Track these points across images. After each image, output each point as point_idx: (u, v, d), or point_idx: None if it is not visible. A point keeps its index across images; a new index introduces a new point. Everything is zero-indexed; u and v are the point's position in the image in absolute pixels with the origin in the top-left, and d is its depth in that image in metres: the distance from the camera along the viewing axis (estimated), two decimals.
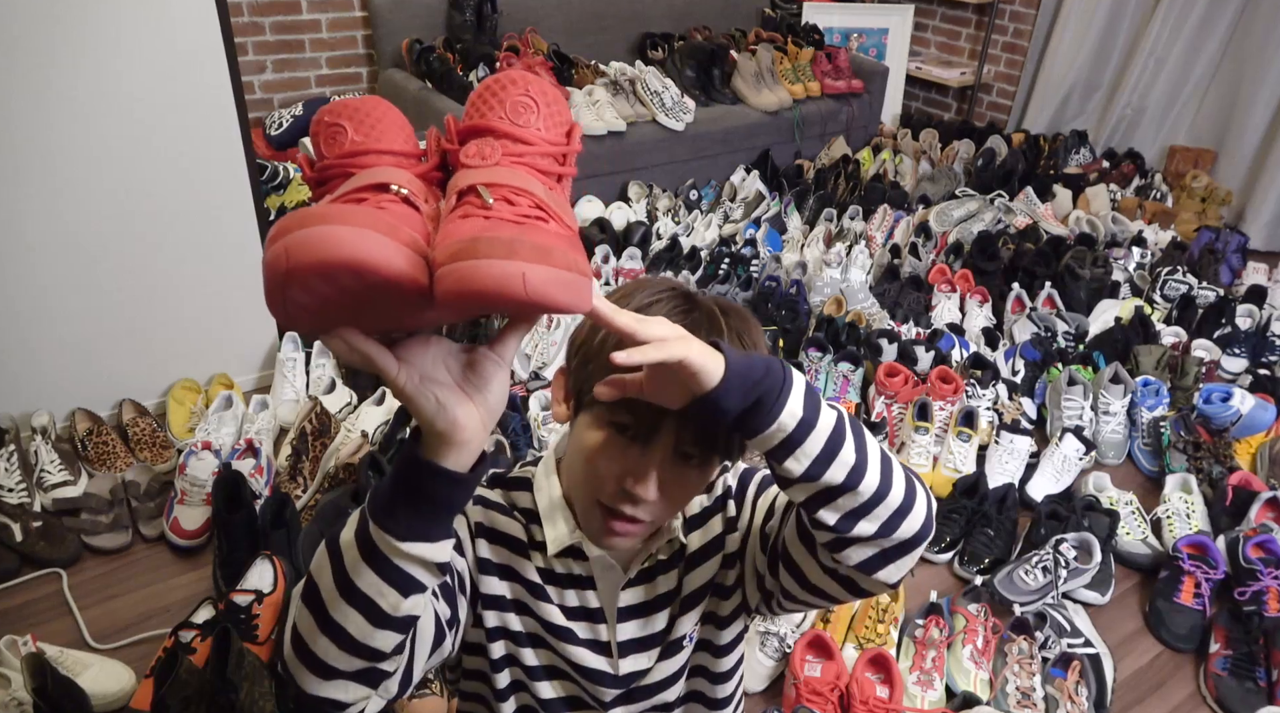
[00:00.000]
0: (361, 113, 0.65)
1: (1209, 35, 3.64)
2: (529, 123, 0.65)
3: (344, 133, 0.64)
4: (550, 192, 0.63)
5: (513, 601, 0.90)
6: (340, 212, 0.55)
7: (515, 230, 0.56)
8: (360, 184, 0.61)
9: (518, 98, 0.65)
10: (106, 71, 1.82)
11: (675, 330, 0.64)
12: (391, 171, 0.63)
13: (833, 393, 2.42)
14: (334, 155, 0.64)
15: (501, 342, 0.64)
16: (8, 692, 1.43)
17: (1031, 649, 1.67)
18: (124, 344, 2.12)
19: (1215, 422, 2.24)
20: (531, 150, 0.65)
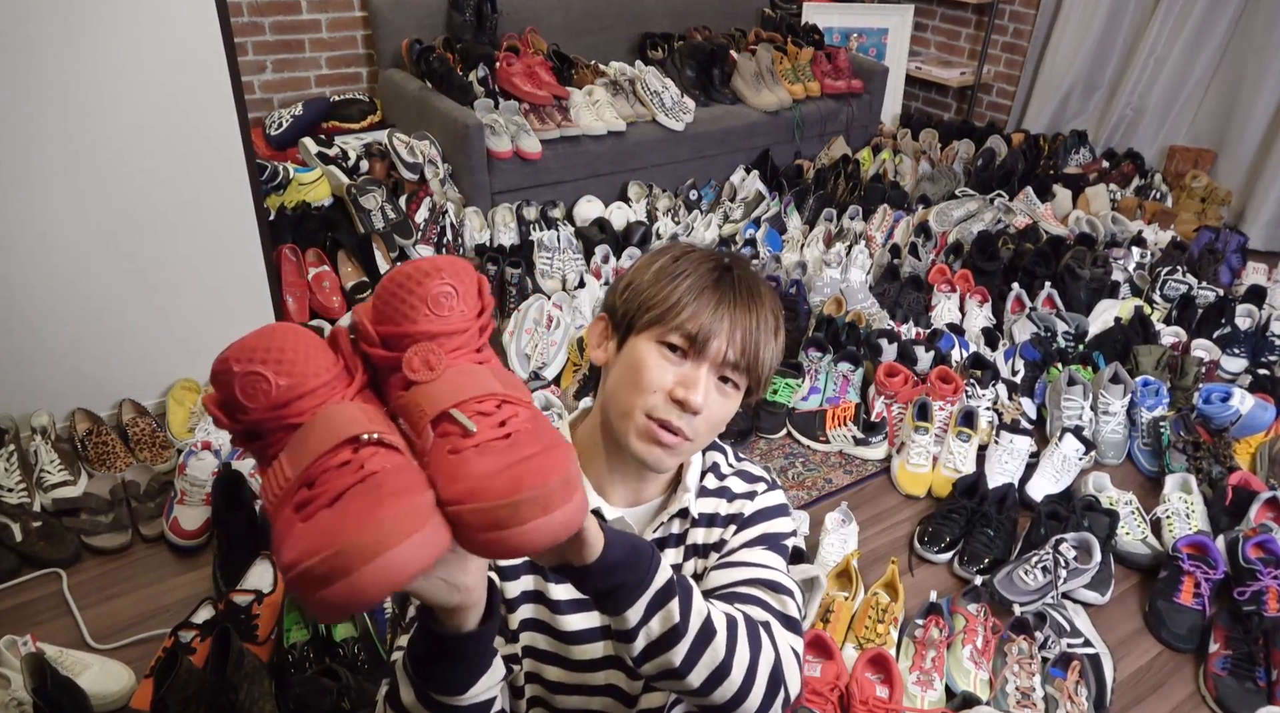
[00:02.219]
0: (274, 352, 0.61)
1: (1209, 35, 3.64)
2: (454, 309, 0.65)
3: (264, 381, 0.60)
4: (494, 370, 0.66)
5: (532, 618, 0.97)
6: (369, 531, 0.53)
7: (522, 464, 0.59)
8: (330, 446, 0.58)
9: (438, 289, 0.64)
10: (106, 72, 1.82)
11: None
12: (345, 415, 0.60)
13: (833, 393, 2.42)
14: (262, 408, 0.60)
15: None
16: (8, 692, 1.43)
17: (1031, 649, 1.67)
18: (124, 344, 2.12)
19: (1215, 422, 2.25)
20: (464, 337, 0.66)
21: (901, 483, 2.19)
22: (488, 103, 3.09)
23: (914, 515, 2.12)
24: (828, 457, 2.29)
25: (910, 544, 2.03)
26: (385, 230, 2.78)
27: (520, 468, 0.58)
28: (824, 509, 2.03)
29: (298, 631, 1.60)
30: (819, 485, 2.19)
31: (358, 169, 3.03)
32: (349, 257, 2.74)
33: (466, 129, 2.89)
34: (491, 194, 3.05)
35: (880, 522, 2.10)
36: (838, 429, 2.31)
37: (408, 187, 2.99)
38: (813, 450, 2.31)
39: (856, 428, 2.30)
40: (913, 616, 1.75)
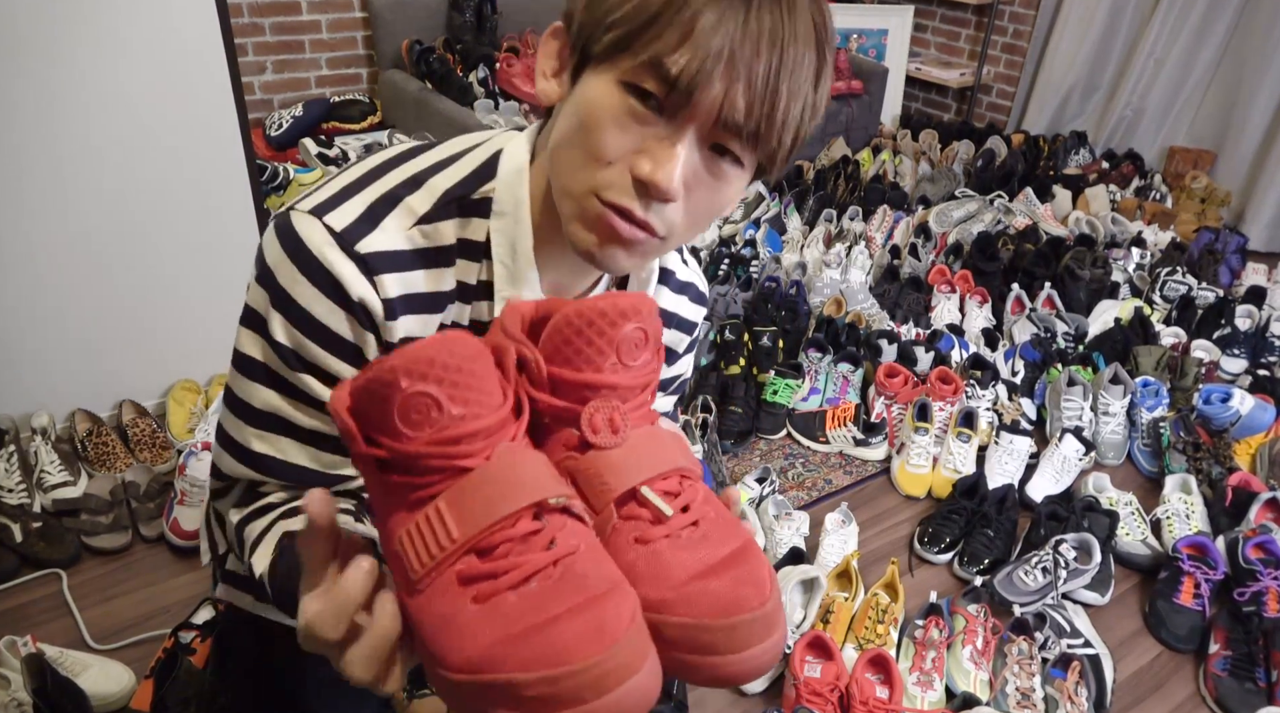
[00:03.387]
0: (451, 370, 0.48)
1: (1209, 36, 3.64)
2: (642, 360, 0.54)
3: (434, 405, 0.48)
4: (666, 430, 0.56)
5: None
6: (602, 650, 0.43)
7: (732, 568, 0.50)
8: (514, 509, 0.47)
9: (633, 334, 0.53)
10: (106, 72, 1.82)
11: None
12: (532, 469, 0.49)
13: (833, 394, 2.42)
14: (425, 439, 0.48)
15: None
16: (8, 692, 1.43)
17: (1031, 650, 1.67)
18: (124, 344, 2.12)
19: (1215, 422, 2.25)
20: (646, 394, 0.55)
21: (901, 484, 2.19)
22: (488, 104, 3.09)
23: (914, 516, 2.12)
24: (827, 457, 2.29)
25: (910, 545, 2.03)
26: None
27: (732, 573, 0.49)
28: (824, 510, 2.03)
29: None
30: (819, 486, 2.19)
31: None
32: None
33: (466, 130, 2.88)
34: None
35: (880, 522, 2.10)
36: (837, 430, 2.31)
37: None
38: (812, 451, 2.31)
39: (856, 429, 2.31)
40: (913, 616, 1.75)
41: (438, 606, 0.47)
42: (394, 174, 0.68)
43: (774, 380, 2.38)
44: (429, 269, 0.67)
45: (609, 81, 0.59)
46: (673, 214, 0.62)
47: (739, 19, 0.56)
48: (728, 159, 0.61)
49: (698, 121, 0.58)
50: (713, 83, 0.56)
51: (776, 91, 0.58)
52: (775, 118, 0.59)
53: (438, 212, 0.67)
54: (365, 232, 0.64)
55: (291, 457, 0.70)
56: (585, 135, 0.60)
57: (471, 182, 0.69)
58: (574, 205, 0.62)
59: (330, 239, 0.63)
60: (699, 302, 0.88)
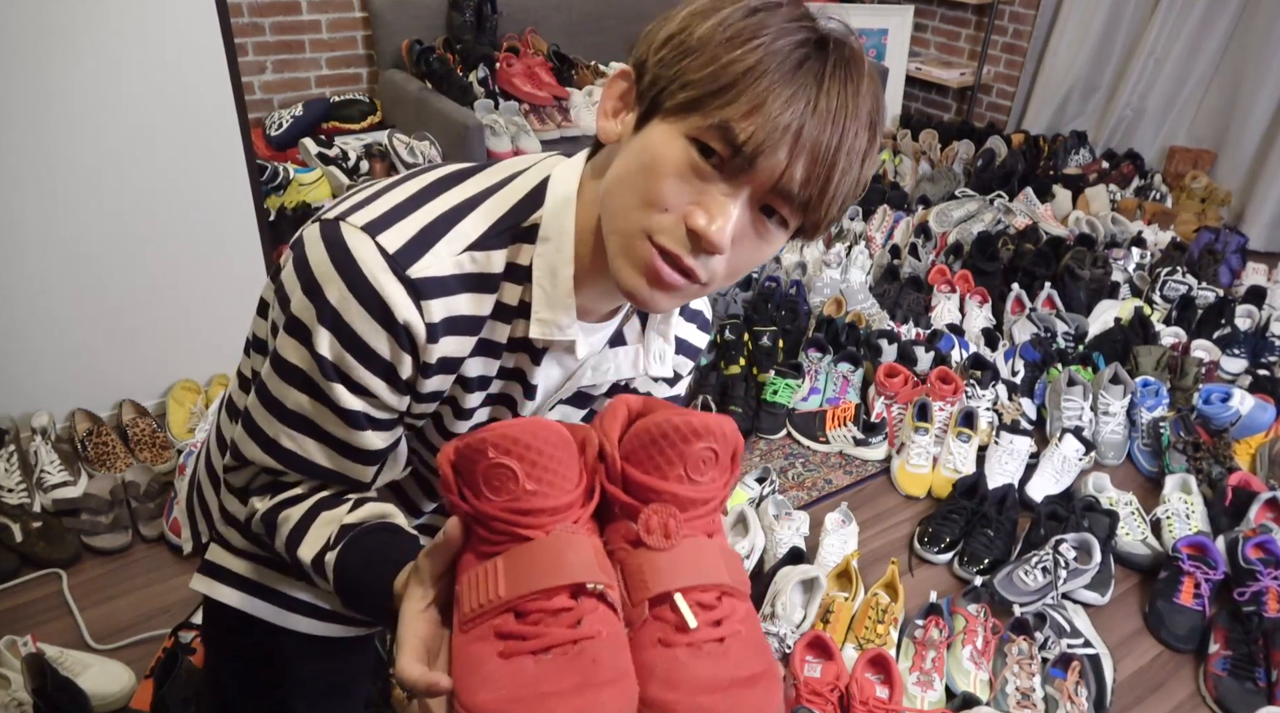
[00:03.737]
0: (534, 451, 0.56)
1: (1209, 35, 3.64)
2: (708, 477, 0.59)
3: (513, 476, 0.56)
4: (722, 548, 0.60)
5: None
6: None
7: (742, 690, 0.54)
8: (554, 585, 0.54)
9: (701, 452, 0.58)
10: (106, 72, 1.82)
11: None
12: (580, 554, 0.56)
13: (833, 394, 2.42)
14: (500, 505, 0.56)
15: None
16: (8, 692, 1.43)
17: (1031, 650, 1.67)
18: (124, 344, 2.12)
19: (1215, 422, 2.25)
20: (708, 509, 0.59)
21: (901, 484, 2.19)
22: (488, 103, 3.09)
23: (914, 516, 2.12)
24: (828, 457, 2.29)
25: (910, 545, 2.03)
26: None
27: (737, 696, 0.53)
28: (824, 510, 2.03)
29: None
30: (819, 486, 2.19)
31: (358, 170, 3.03)
32: None
33: (466, 130, 2.89)
34: None
35: (880, 522, 2.10)
36: (838, 430, 2.31)
37: None
38: (813, 451, 2.31)
39: (856, 428, 2.31)
40: (913, 616, 1.75)
41: (474, 649, 0.54)
42: (448, 197, 0.70)
43: (774, 380, 2.38)
44: (474, 294, 0.70)
45: (676, 134, 0.62)
46: (716, 265, 0.65)
47: (810, 97, 0.60)
48: (775, 220, 0.65)
49: (755, 185, 0.62)
50: (777, 153, 0.60)
51: (833, 167, 0.61)
52: (828, 191, 0.62)
53: (490, 239, 0.69)
54: (417, 256, 0.66)
55: (313, 456, 0.74)
56: (645, 180, 0.63)
57: (522, 209, 0.70)
58: (624, 243, 0.65)
59: (383, 262, 0.65)
60: (704, 329, 0.92)
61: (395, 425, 0.76)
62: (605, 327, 0.79)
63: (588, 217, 0.70)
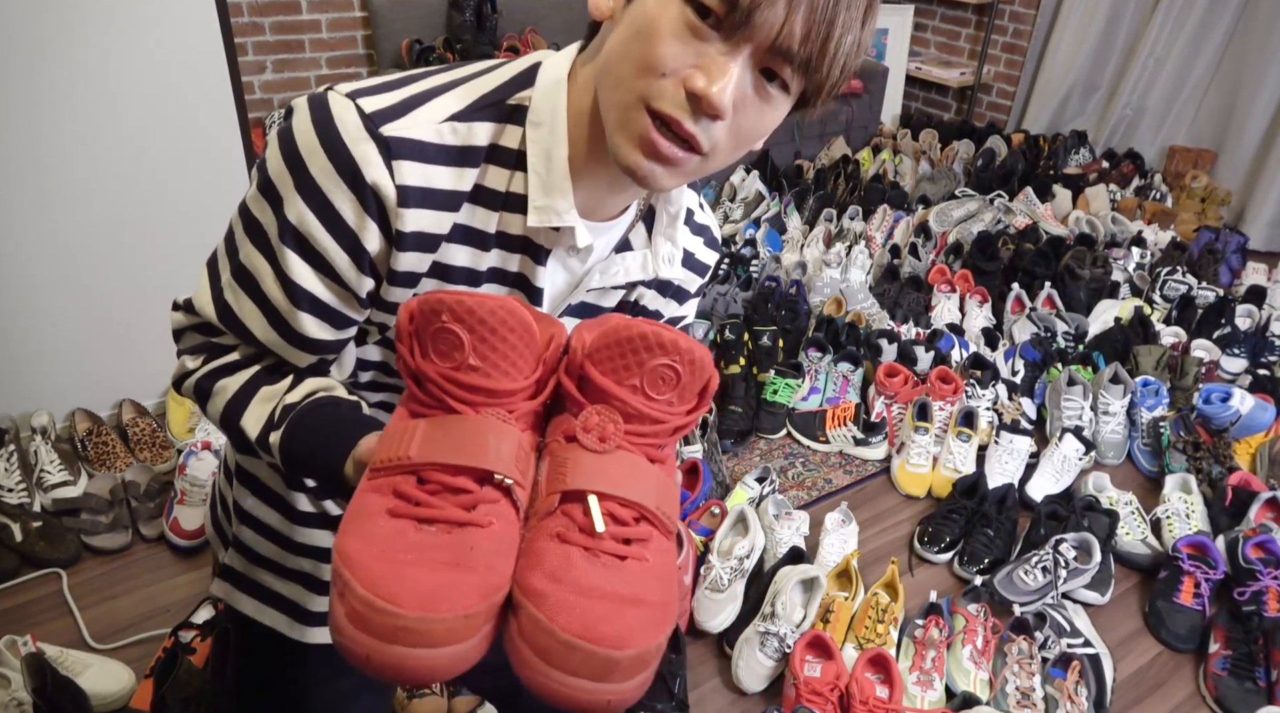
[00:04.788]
0: (486, 328, 0.55)
1: (1209, 35, 3.64)
2: (664, 397, 0.58)
3: (460, 346, 0.55)
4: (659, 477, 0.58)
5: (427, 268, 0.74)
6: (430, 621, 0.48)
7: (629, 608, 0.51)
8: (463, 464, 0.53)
9: (659, 367, 0.56)
10: (106, 72, 1.82)
11: None
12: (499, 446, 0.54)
13: (833, 393, 2.42)
14: (439, 372, 0.55)
15: None
16: (8, 692, 1.43)
17: (1031, 649, 1.67)
18: (124, 344, 2.12)
19: (1215, 422, 2.25)
20: (657, 430, 0.58)
21: (901, 483, 2.19)
22: None
23: (914, 516, 2.12)
24: (828, 457, 2.29)
25: (910, 544, 2.03)
26: None
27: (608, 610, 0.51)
28: (824, 509, 2.03)
29: None
30: (819, 486, 2.19)
31: None
32: None
33: None
34: None
35: (880, 522, 2.10)
36: (838, 429, 2.31)
37: None
38: (813, 451, 2.31)
39: (856, 428, 2.31)
40: (913, 616, 1.75)
41: (369, 499, 0.54)
42: (435, 77, 0.70)
43: (774, 380, 2.38)
44: (452, 167, 0.68)
45: None
46: (718, 132, 0.63)
47: None
48: (776, 84, 0.62)
49: (754, 43, 0.60)
50: (774, 7, 0.58)
51: (832, 22, 0.59)
52: (829, 48, 0.60)
53: (472, 112, 0.68)
54: (395, 117, 0.65)
55: (247, 319, 0.73)
56: (642, 46, 0.61)
57: (508, 88, 0.69)
58: (621, 115, 0.63)
59: (359, 122, 0.64)
60: (712, 246, 0.90)
61: (343, 322, 0.73)
62: (610, 227, 0.77)
63: (581, 100, 0.69)
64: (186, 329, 0.78)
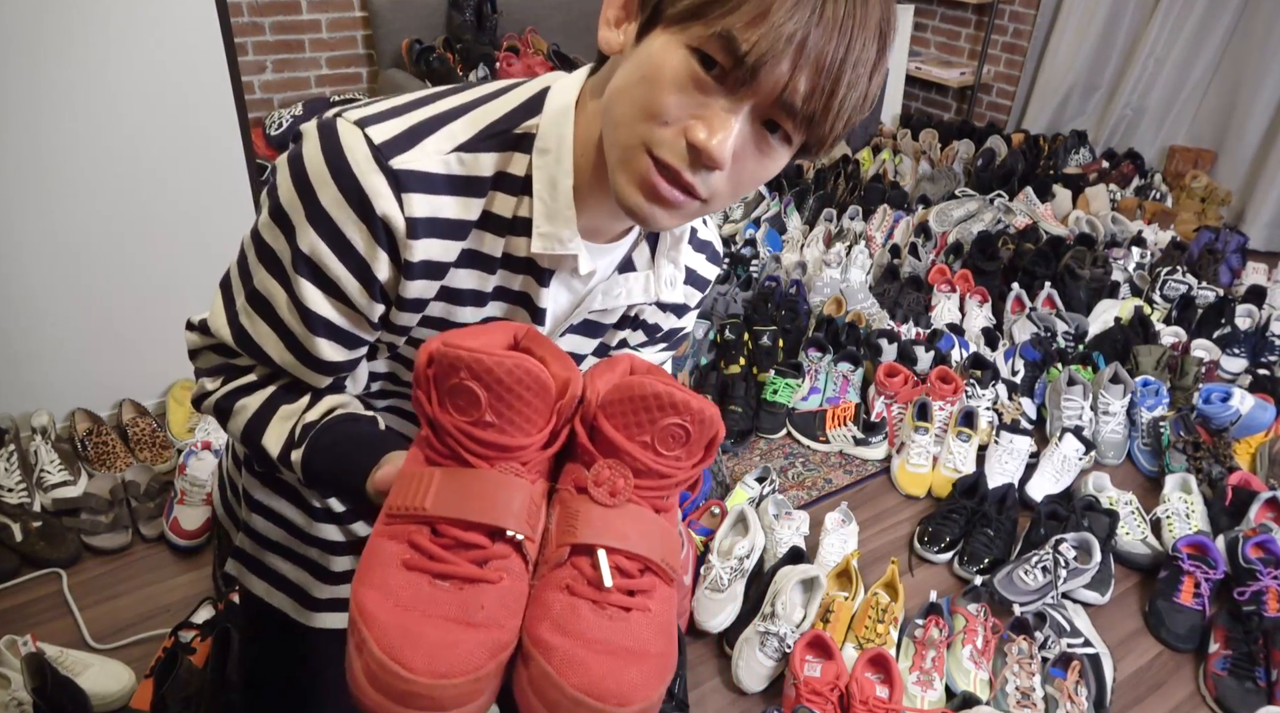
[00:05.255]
0: (503, 387, 0.56)
1: (1209, 35, 3.64)
2: (673, 454, 0.60)
3: (477, 404, 0.56)
4: (663, 528, 0.60)
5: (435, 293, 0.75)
6: (439, 687, 0.50)
7: (630, 662, 0.54)
8: (478, 521, 0.55)
9: (670, 426, 0.58)
10: (106, 72, 1.82)
11: None
12: (513, 502, 0.56)
13: (833, 393, 2.42)
14: (456, 425, 0.57)
15: None
16: (8, 692, 1.43)
17: (1031, 649, 1.67)
18: (124, 344, 2.12)
19: (1215, 422, 2.25)
20: (664, 484, 0.60)
21: (901, 483, 2.19)
22: None
23: (914, 516, 2.12)
24: (827, 457, 2.29)
25: (910, 544, 2.03)
26: None
27: (614, 666, 0.53)
28: (824, 509, 2.03)
29: None
30: (819, 485, 2.19)
31: None
32: None
33: None
34: None
35: (880, 522, 2.10)
36: (838, 429, 2.31)
37: None
38: (812, 450, 2.31)
39: (856, 428, 2.31)
40: (913, 616, 1.75)
41: (386, 546, 0.56)
42: (442, 102, 0.70)
43: (774, 380, 2.38)
44: (459, 197, 0.69)
45: (677, 44, 0.60)
46: (718, 181, 0.63)
47: (815, 5, 0.57)
48: (778, 135, 0.62)
49: (757, 98, 0.60)
50: (780, 64, 0.57)
51: (838, 80, 0.59)
52: (832, 105, 0.60)
53: (478, 142, 0.68)
54: (404, 148, 0.66)
55: (264, 344, 0.74)
56: (645, 91, 0.61)
57: (516, 116, 0.70)
58: (623, 156, 0.63)
59: (368, 153, 0.65)
60: (714, 261, 0.90)
61: (356, 343, 0.74)
62: (613, 248, 0.77)
63: (588, 130, 0.69)
64: (202, 349, 0.79)
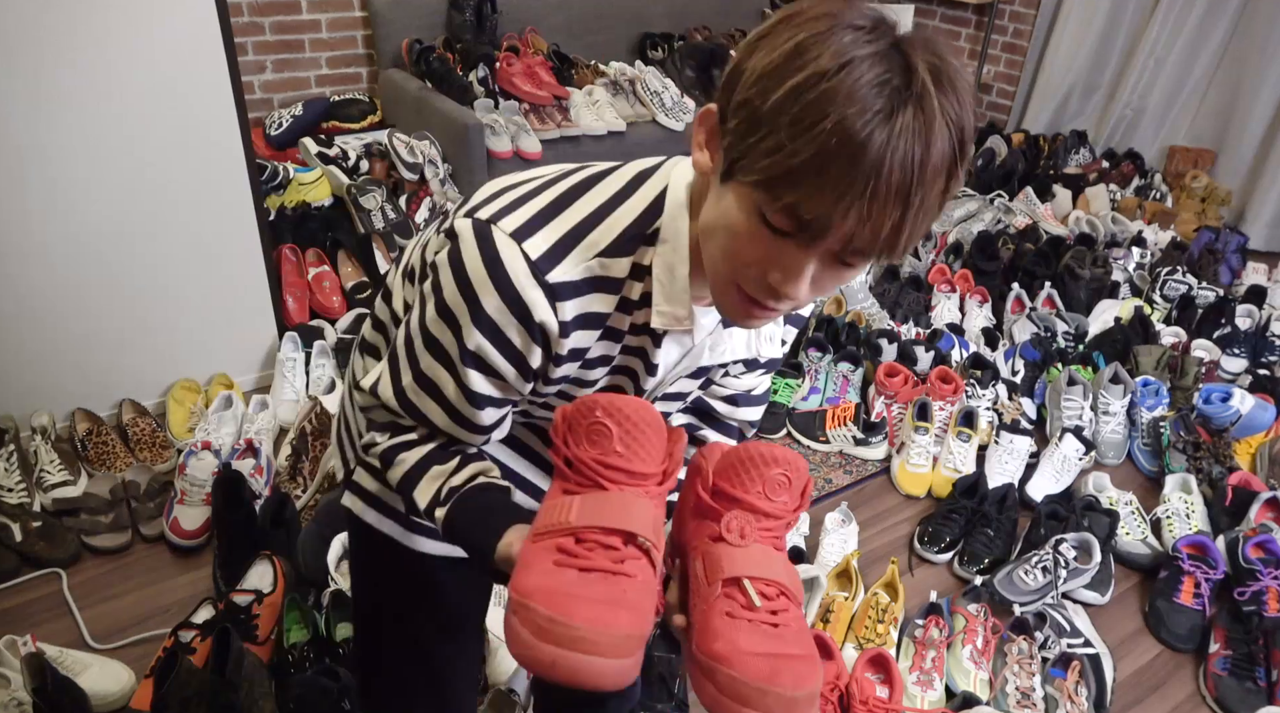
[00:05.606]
0: (630, 424, 0.70)
1: (1209, 35, 3.64)
2: (780, 499, 0.73)
3: (608, 437, 0.69)
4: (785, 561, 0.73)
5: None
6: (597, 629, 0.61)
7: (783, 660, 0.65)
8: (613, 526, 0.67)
9: (776, 476, 0.73)
10: (106, 71, 1.82)
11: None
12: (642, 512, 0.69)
13: (833, 393, 2.42)
14: (591, 458, 0.70)
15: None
16: (8, 692, 1.43)
17: (1031, 649, 1.67)
18: (124, 344, 2.12)
19: (1215, 422, 2.25)
20: (778, 524, 0.74)
21: (901, 483, 2.19)
22: (488, 103, 3.09)
23: (914, 516, 2.12)
24: (828, 457, 2.29)
25: (910, 544, 2.03)
26: (385, 230, 2.78)
27: (781, 662, 0.64)
28: (824, 509, 2.03)
29: (298, 631, 1.60)
30: (819, 486, 2.19)
31: (358, 169, 3.03)
32: (349, 257, 2.74)
33: (466, 129, 2.89)
34: None
35: (880, 522, 2.10)
36: (838, 429, 2.31)
37: (408, 186, 2.99)
38: (813, 450, 2.31)
39: (856, 428, 2.31)
40: (913, 616, 1.75)
41: (538, 554, 0.67)
42: (581, 204, 0.78)
43: (774, 380, 2.38)
44: (601, 293, 0.79)
45: (750, 205, 0.66)
46: (801, 299, 0.71)
47: (876, 174, 0.59)
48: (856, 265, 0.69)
49: (826, 246, 0.66)
50: (844, 225, 0.62)
51: (901, 224, 0.63)
52: (899, 241, 0.64)
53: (617, 247, 0.77)
54: (555, 263, 0.75)
55: (431, 415, 0.85)
56: (727, 239, 0.69)
57: (645, 220, 0.78)
58: (716, 282, 0.73)
59: (527, 269, 0.74)
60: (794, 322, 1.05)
61: (510, 404, 0.86)
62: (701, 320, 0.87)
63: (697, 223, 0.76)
64: (373, 406, 0.90)
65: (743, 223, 0.66)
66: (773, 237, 0.65)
